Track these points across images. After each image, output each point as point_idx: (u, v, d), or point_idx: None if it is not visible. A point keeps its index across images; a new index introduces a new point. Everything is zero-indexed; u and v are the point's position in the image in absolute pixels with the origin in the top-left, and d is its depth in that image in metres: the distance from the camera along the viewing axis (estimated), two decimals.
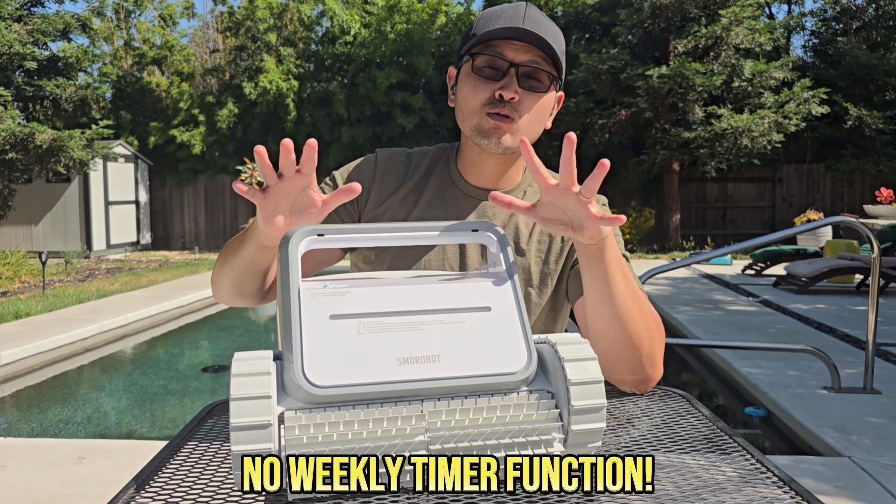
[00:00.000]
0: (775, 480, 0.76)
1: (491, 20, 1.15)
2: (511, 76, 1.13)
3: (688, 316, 6.72)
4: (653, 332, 1.06)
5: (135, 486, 0.76)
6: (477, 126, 1.17)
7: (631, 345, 1.03)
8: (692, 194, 15.15)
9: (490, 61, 1.15)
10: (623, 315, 1.02)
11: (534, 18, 1.14)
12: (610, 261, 0.99)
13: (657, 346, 1.07)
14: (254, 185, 3.75)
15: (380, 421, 0.69)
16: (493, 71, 1.15)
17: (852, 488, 2.87)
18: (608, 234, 0.97)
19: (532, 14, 1.15)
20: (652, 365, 1.07)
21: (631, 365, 1.05)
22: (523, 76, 1.14)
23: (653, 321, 1.07)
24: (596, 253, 0.98)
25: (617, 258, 1.00)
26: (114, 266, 12.20)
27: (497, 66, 1.14)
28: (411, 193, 1.26)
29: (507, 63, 1.13)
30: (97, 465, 3.29)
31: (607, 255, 0.98)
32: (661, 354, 1.09)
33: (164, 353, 6.65)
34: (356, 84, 15.11)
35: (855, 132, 14.04)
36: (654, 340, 1.06)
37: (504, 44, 1.14)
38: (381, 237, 0.80)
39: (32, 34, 11.60)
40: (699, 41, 13.14)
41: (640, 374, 1.07)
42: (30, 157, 10.73)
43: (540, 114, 1.18)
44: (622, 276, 1.01)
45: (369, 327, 0.72)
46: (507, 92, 1.13)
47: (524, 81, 1.14)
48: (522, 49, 1.13)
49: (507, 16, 1.14)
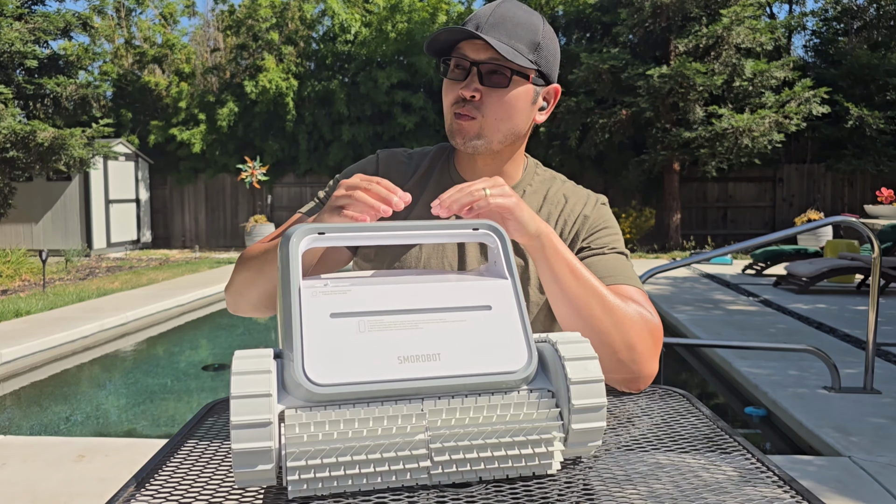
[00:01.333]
0: (775, 480, 0.76)
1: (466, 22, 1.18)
2: (473, 75, 1.15)
3: (688, 315, 6.71)
4: (625, 326, 1.05)
5: (135, 484, 0.76)
6: (448, 128, 1.21)
7: (600, 340, 1.04)
8: (693, 194, 15.15)
9: (456, 62, 1.17)
10: (581, 311, 1.04)
11: (500, 14, 1.15)
12: (553, 260, 1.03)
13: (637, 342, 1.05)
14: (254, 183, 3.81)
15: (380, 419, 0.69)
16: (459, 71, 1.17)
17: (852, 488, 2.87)
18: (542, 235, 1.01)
19: (502, 11, 1.16)
20: (635, 362, 1.05)
21: (610, 362, 1.05)
22: (486, 73, 1.15)
23: (625, 316, 1.06)
24: (536, 252, 1.03)
25: (563, 259, 1.03)
26: (114, 264, 12.20)
27: (462, 65, 1.16)
28: (413, 192, 1.27)
29: (469, 62, 1.15)
30: (97, 464, 3.29)
31: (548, 254, 1.02)
32: (650, 352, 1.07)
33: (164, 352, 6.65)
34: (357, 83, 15.11)
35: (856, 132, 14.04)
36: (631, 335, 1.05)
37: (467, 44, 1.16)
38: (381, 235, 0.80)
39: (33, 32, 11.60)
40: (700, 41, 13.14)
41: (626, 373, 1.06)
42: (31, 156, 10.73)
43: (508, 108, 1.17)
44: (571, 275, 1.04)
45: (370, 326, 0.72)
46: (465, 91, 1.15)
47: (487, 78, 1.15)
48: (482, 47, 1.14)
49: (478, 14, 1.17)
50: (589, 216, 1.25)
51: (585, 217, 1.24)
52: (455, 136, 1.19)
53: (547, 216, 1.25)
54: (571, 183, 1.32)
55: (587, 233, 1.23)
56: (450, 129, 1.20)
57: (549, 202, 1.26)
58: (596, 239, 1.22)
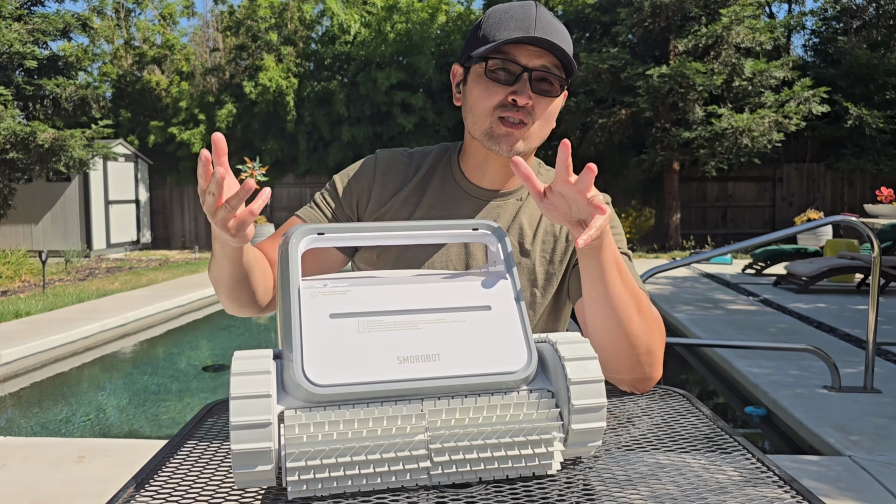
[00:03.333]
0: (776, 480, 0.76)
1: (501, 21, 1.14)
2: (524, 81, 1.13)
3: (688, 315, 6.71)
4: (651, 330, 1.06)
5: (135, 484, 0.76)
6: (488, 130, 1.17)
7: (628, 342, 1.04)
8: (692, 194, 15.15)
9: (503, 65, 1.14)
10: (619, 312, 1.03)
11: (545, 21, 1.14)
12: (606, 258, 1.01)
13: (656, 346, 1.07)
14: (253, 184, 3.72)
15: (380, 420, 0.69)
16: (506, 74, 1.14)
17: (853, 488, 2.87)
18: (605, 232, 0.98)
19: (543, 15, 1.14)
20: (650, 364, 1.06)
21: (628, 363, 1.05)
22: (536, 80, 1.14)
23: (652, 320, 1.07)
24: (592, 250, 1.00)
25: (614, 255, 1.02)
26: (114, 265, 12.20)
27: (510, 69, 1.13)
28: (413, 194, 1.26)
29: (521, 68, 1.13)
30: (97, 464, 3.29)
31: (604, 252, 1.00)
32: (661, 355, 1.09)
33: (164, 353, 6.65)
34: (356, 83, 15.11)
35: (855, 131, 14.04)
36: (653, 339, 1.06)
37: (516, 48, 1.13)
38: (380, 236, 0.80)
39: (32, 33, 11.60)
40: (699, 40, 13.13)
41: (639, 374, 1.06)
42: (30, 157, 10.73)
43: (550, 117, 1.19)
44: (618, 273, 1.02)
45: (369, 326, 0.72)
46: (521, 98, 1.12)
47: (536, 86, 1.14)
48: (535, 54, 1.13)
49: (517, 17, 1.13)
50: None
51: None
52: (500, 140, 1.16)
53: None
54: None
55: None
56: (490, 133, 1.17)
57: None
58: None
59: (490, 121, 1.16)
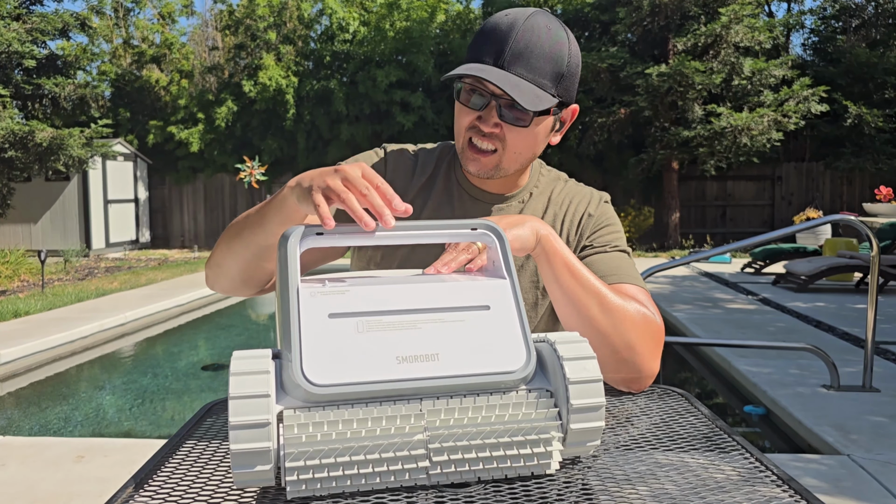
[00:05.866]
0: (774, 479, 0.76)
1: (481, 42, 1.11)
2: (491, 108, 1.10)
3: (687, 314, 6.72)
4: (625, 327, 1.05)
5: (133, 484, 0.76)
6: (461, 149, 1.18)
7: (601, 341, 1.04)
8: (692, 193, 15.15)
9: (473, 87, 1.11)
10: (581, 311, 1.04)
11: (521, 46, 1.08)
12: (553, 263, 1.04)
13: (638, 342, 1.05)
14: (253, 183, 3.78)
15: (379, 420, 0.69)
16: (476, 98, 1.12)
17: (852, 487, 2.87)
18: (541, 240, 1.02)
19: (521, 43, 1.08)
20: (636, 362, 1.05)
21: (610, 362, 1.05)
22: (506, 108, 1.10)
23: (626, 316, 1.05)
24: (537, 256, 1.04)
25: (562, 260, 1.04)
26: (113, 265, 12.19)
27: (481, 93, 1.11)
28: (419, 195, 1.26)
29: (489, 95, 1.10)
30: (96, 464, 3.29)
31: (549, 257, 1.03)
32: (651, 351, 1.07)
33: (163, 352, 6.65)
34: (356, 82, 15.10)
35: (854, 130, 14.05)
36: (631, 335, 1.05)
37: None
38: (380, 236, 0.80)
39: (31, 33, 11.58)
40: (699, 39, 13.14)
41: (627, 372, 1.06)
42: (29, 156, 10.71)
43: (528, 143, 1.15)
44: (570, 275, 1.04)
45: (368, 326, 0.72)
46: (485, 126, 1.11)
47: (506, 113, 1.10)
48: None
49: (494, 40, 1.09)
50: (593, 214, 1.26)
51: (589, 216, 1.25)
52: (468, 164, 1.16)
53: (553, 217, 1.25)
54: (574, 182, 1.32)
55: (591, 231, 1.24)
56: (462, 153, 1.16)
57: (553, 203, 1.27)
58: (599, 237, 1.23)
59: (462, 141, 1.16)
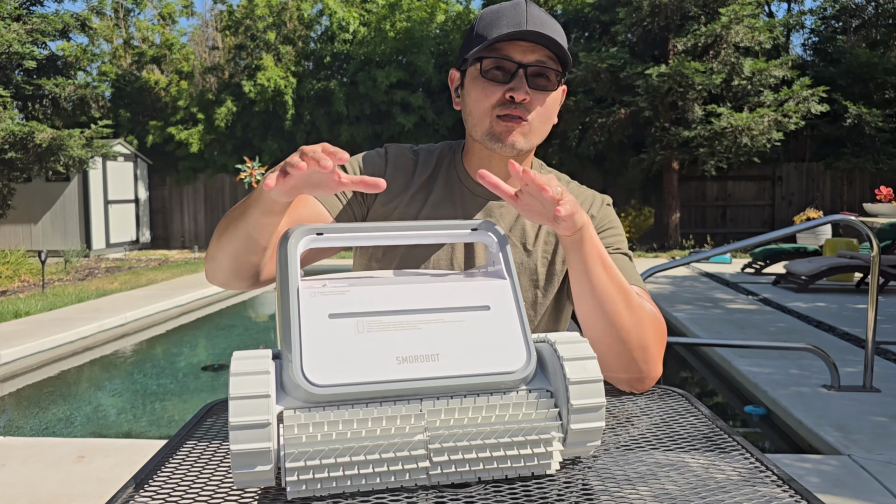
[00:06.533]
0: (775, 479, 0.76)
1: (493, 21, 1.15)
2: (520, 77, 1.14)
3: (687, 314, 6.72)
4: (643, 325, 1.05)
5: (134, 484, 0.76)
6: (489, 130, 1.18)
7: (618, 337, 1.03)
8: (692, 193, 15.15)
9: (497, 63, 1.15)
10: (606, 306, 1.03)
11: (536, 16, 1.14)
12: (588, 252, 1.01)
13: (651, 343, 1.06)
14: (253, 183, 3.80)
15: (379, 420, 0.69)
16: (501, 73, 1.15)
17: (852, 487, 2.87)
18: (584, 226, 0.99)
19: (533, 12, 1.15)
20: (646, 362, 1.06)
21: (622, 360, 1.05)
22: (532, 76, 1.15)
23: (644, 315, 1.06)
24: (574, 244, 1.00)
25: (597, 250, 1.02)
26: (113, 265, 12.19)
27: (505, 67, 1.15)
28: (419, 192, 1.26)
29: (516, 64, 1.14)
30: (97, 464, 3.29)
31: (585, 246, 1.00)
32: (659, 353, 1.08)
33: (163, 352, 6.65)
34: (356, 82, 15.10)
35: (854, 130, 14.04)
36: (646, 336, 1.05)
37: (509, 45, 1.14)
38: (379, 236, 0.80)
39: (31, 33, 11.58)
40: (699, 40, 13.13)
41: (635, 372, 1.06)
42: (29, 156, 10.72)
43: (549, 111, 1.19)
44: (603, 267, 1.02)
45: (368, 326, 0.72)
46: (517, 94, 1.13)
47: (533, 81, 1.15)
48: (528, 49, 1.14)
49: (508, 16, 1.14)
50: (595, 216, 1.26)
51: (592, 217, 1.25)
52: (502, 138, 1.17)
53: None
54: (576, 183, 1.32)
55: None
56: (491, 132, 1.17)
57: None
58: (601, 239, 1.23)
59: (489, 120, 1.17)
